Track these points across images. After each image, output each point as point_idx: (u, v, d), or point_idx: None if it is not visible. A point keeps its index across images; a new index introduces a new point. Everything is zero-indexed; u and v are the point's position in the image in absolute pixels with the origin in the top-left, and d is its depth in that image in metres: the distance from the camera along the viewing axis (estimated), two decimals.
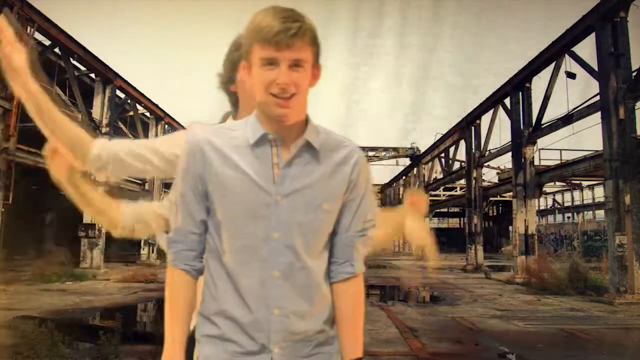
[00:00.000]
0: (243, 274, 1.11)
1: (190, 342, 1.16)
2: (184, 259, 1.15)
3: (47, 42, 14.53)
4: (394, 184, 40.54)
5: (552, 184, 25.28)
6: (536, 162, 15.65)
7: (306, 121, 1.15)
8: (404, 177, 36.89)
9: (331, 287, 1.19)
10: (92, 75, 17.60)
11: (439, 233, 47.37)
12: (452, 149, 23.86)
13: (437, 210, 40.13)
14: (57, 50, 14.79)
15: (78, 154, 1.38)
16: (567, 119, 13.04)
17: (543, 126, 14.37)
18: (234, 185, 1.10)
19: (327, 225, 1.15)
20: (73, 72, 15.63)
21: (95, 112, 17.02)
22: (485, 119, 19.18)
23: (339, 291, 1.18)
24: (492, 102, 18.02)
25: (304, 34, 1.05)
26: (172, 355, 1.12)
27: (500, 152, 17.89)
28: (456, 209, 45.84)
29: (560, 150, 18.71)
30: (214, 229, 1.15)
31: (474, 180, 19.71)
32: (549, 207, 38.93)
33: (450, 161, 24.43)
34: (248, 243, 1.10)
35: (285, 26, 1.02)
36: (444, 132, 24.53)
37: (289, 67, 1.05)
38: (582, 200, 34.68)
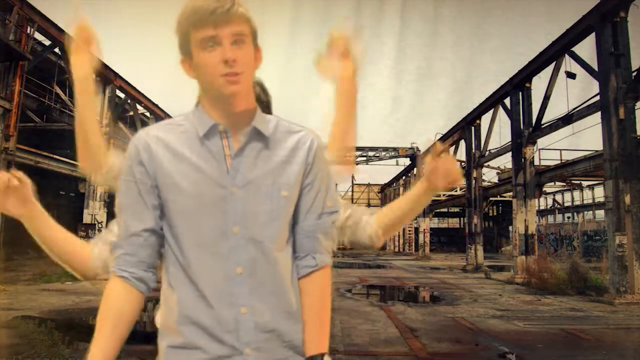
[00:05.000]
0: (203, 274, 1.03)
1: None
2: (121, 264, 1.06)
3: (47, 42, 14.54)
4: (394, 184, 40.56)
5: (552, 184, 25.27)
6: (536, 162, 15.65)
7: (255, 110, 1.11)
8: (403, 177, 36.91)
9: (298, 284, 1.13)
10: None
11: (439, 233, 47.61)
12: (452, 149, 23.87)
13: (437, 210, 40.12)
14: (57, 50, 14.79)
15: (75, 269, 1.34)
16: (567, 119, 13.04)
17: (543, 126, 14.37)
18: (186, 181, 1.04)
19: (287, 214, 1.10)
20: None
21: None
22: (485, 119, 19.20)
23: (302, 286, 1.12)
24: (492, 102, 18.02)
25: (238, 10, 1.02)
26: None
27: (500, 152, 17.88)
28: (456, 209, 45.84)
29: (560, 150, 18.71)
30: (169, 231, 1.07)
31: (474, 180, 19.71)
32: (549, 207, 38.93)
33: None
34: (206, 240, 1.04)
35: (219, 3, 1.00)
36: (444, 132, 24.55)
37: (232, 44, 1.02)
38: (582, 200, 34.68)
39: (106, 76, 17.18)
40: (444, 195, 39.14)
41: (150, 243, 1.08)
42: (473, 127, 20.06)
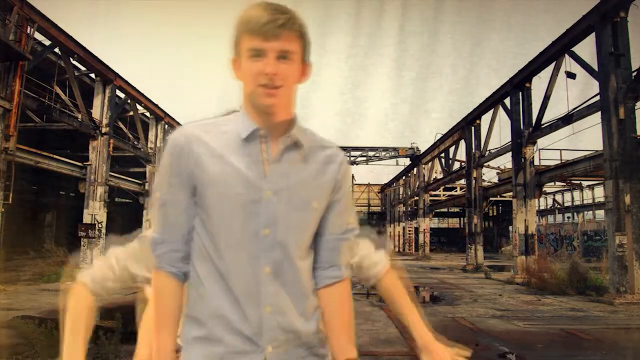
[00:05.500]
0: (233, 271, 1.07)
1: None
2: (170, 260, 1.11)
3: (47, 42, 14.53)
4: (394, 184, 40.56)
5: (552, 184, 25.27)
6: (536, 162, 15.63)
7: (294, 120, 1.15)
8: (403, 177, 36.91)
9: (317, 293, 1.17)
10: (92, 75, 17.60)
11: (439, 233, 47.60)
12: (452, 149, 23.86)
13: (437, 210, 40.13)
14: (57, 50, 14.79)
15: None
16: (567, 119, 13.04)
17: (543, 126, 14.37)
18: (224, 181, 1.07)
19: (314, 224, 1.15)
20: (73, 72, 15.63)
21: (95, 112, 17.02)
22: (485, 119, 19.20)
23: (326, 296, 1.17)
24: (492, 102, 18.02)
25: (292, 26, 1.05)
26: None
27: (500, 152, 17.87)
28: (456, 209, 45.84)
29: (560, 150, 18.66)
30: (202, 227, 1.11)
31: (474, 180, 19.70)
32: (549, 207, 38.92)
33: (450, 161, 24.43)
34: (237, 239, 1.07)
35: (274, 17, 1.03)
36: (444, 132, 24.54)
37: (277, 58, 1.04)
38: (582, 200, 34.67)
39: (106, 76, 17.18)
40: (444, 195, 39.18)
41: (190, 240, 1.13)
42: (473, 127, 20.06)
